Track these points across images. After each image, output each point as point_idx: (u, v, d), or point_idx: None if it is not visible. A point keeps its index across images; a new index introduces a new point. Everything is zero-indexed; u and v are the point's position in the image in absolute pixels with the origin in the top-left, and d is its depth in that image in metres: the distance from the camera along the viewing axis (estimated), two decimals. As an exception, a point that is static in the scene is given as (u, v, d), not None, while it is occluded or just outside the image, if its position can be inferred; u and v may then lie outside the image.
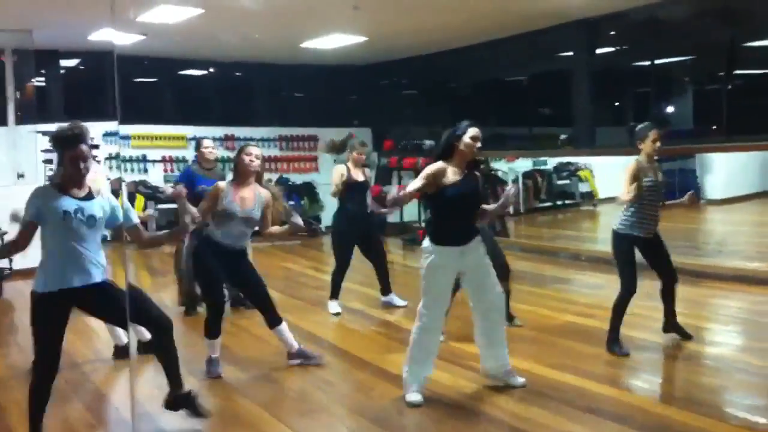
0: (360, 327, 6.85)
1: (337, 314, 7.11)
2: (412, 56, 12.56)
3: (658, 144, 5.46)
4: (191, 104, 12.99)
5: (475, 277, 4.75)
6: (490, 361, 4.92)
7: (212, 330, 5.31)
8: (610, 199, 16.49)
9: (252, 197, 5.20)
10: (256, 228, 5.35)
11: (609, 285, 8.40)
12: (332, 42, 10.94)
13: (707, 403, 4.59)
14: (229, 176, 5.60)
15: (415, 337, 4.68)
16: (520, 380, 4.93)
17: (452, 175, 4.60)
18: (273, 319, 5.43)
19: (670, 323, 5.84)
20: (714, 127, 8.91)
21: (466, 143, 4.60)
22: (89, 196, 3.95)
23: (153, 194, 11.76)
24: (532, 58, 11.10)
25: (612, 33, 10.22)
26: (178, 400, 4.19)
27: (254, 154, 5.22)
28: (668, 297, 5.78)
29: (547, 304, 7.16)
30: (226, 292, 7.65)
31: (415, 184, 4.57)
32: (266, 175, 5.49)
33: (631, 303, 5.60)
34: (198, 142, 7.46)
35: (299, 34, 10.60)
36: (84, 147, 3.86)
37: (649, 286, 5.84)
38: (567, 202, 15.42)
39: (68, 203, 3.84)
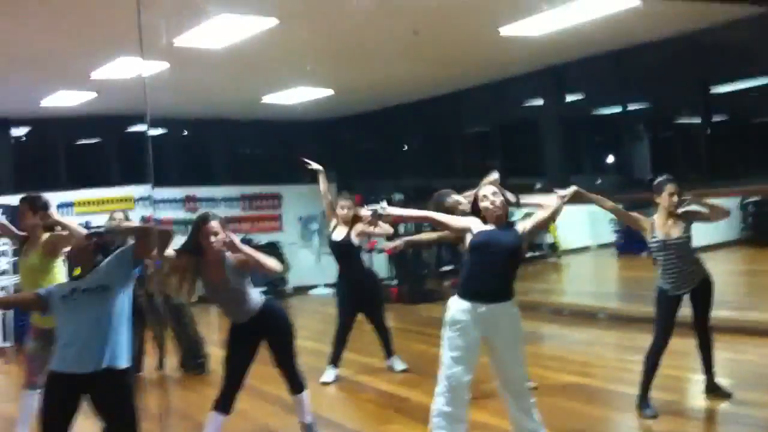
0: (352, 396, 6.40)
1: (325, 384, 6.61)
2: (375, 110, 12.31)
3: (675, 198, 5.20)
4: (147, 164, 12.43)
5: (501, 345, 4.30)
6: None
7: (226, 403, 4.75)
8: (573, 251, 16.52)
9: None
10: None
11: (598, 341, 8.20)
12: (294, 96, 10.62)
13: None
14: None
15: (436, 408, 4.20)
16: None
17: (480, 225, 4.28)
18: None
19: (710, 383, 5.50)
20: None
21: (482, 206, 4.30)
22: None
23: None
24: (498, 108, 10.96)
25: (579, 80, 10.11)
26: None
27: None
28: (704, 354, 5.45)
29: (541, 363, 6.78)
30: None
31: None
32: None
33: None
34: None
35: (259, 89, 10.26)
36: None
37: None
38: (535, 254, 15.16)
39: None
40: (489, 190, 4.32)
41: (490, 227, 4.28)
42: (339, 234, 6.63)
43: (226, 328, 4.91)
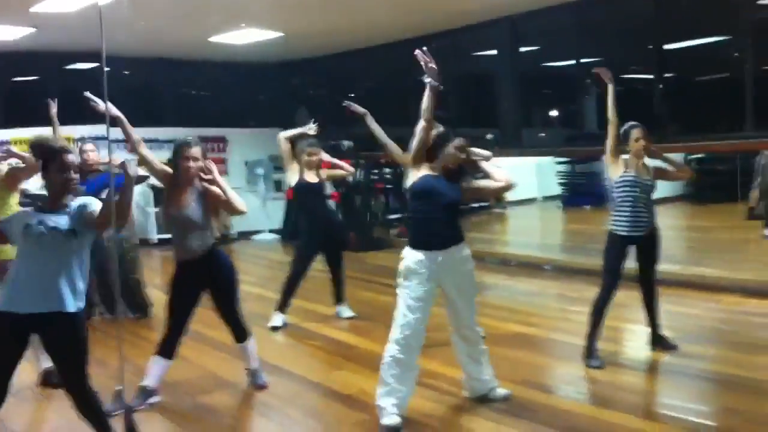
0: (300, 343, 6.33)
1: (275, 329, 6.57)
2: (326, 54, 12.06)
3: (642, 142, 5.25)
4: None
5: (455, 286, 4.33)
6: (475, 382, 4.55)
7: (170, 348, 4.67)
8: (519, 202, 16.62)
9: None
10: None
11: (543, 292, 8.26)
12: (243, 38, 10.32)
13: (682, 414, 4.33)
14: None
15: (390, 356, 4.16)
16: (504, 392, 4.59)
17: (426, 170, 4.25)
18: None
19: (655, 335, 5.55)
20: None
21: (451, 152, 4.27)
22: None
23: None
24: (453, 57, 10.80)
25: (534, 32, 10.02)
26: None
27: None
28: (648, 306, 5.50)
29: (487, 313, 6.76)
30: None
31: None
32: None
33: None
34: (80, 147, 6.89)
35: (207, 29, 9.91)
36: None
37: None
38: (481, 204, 15.20)
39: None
40: (460, 143, 4.30)
41: (435, 174, 4.26)
42: (310, 177, 6.67)
43: (169, 272, 4.79)
